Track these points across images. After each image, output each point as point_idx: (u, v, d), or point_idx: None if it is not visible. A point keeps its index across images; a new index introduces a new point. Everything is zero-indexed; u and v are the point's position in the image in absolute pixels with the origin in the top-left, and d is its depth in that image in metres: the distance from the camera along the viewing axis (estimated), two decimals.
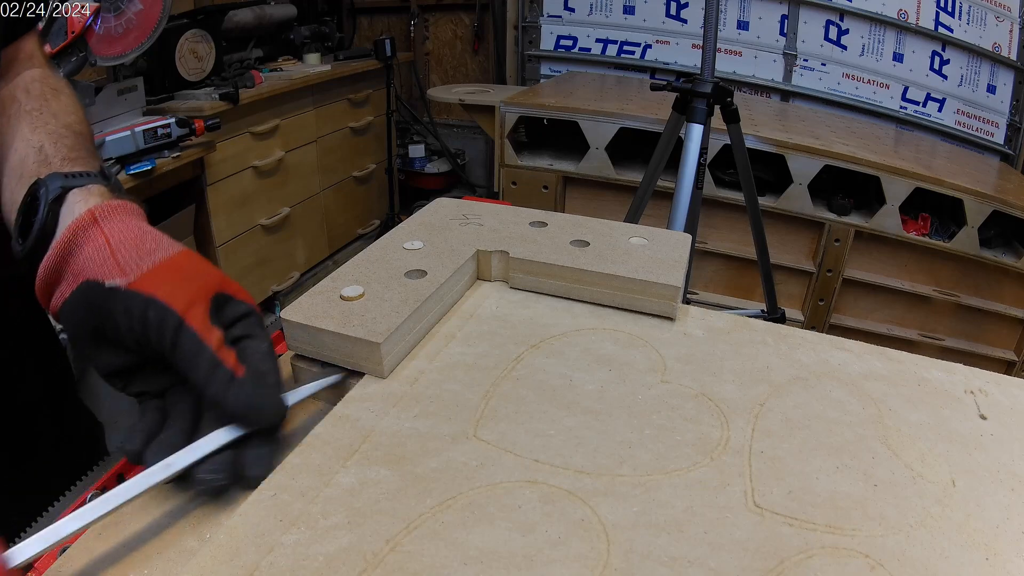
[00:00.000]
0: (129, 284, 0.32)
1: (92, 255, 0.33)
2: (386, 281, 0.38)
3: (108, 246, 0.33)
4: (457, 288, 0.40)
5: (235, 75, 1.90)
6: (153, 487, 0.27)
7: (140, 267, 0.32)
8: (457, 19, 2.78)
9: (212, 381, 0.30)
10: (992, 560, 0.25)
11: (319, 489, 0.26)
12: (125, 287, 0.32)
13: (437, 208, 0.48)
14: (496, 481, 0.27)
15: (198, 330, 0.31)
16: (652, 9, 2.35)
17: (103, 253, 0.33)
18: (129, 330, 0.31)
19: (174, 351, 0.31)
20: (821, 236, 1.74)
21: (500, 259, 0.42)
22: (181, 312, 0.31)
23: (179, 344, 0.31)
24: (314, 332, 0.34)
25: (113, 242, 0.33)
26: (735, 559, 0.24)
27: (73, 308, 0.33)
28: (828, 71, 2.22)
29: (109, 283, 0.32)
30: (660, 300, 0.39)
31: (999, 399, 0.35)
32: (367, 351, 0.33)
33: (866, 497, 0.28)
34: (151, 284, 0.32)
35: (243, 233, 2.00)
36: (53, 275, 0.34)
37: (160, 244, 0.34)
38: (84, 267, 0.33)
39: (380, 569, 0.23)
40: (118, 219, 0.35)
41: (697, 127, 1.19)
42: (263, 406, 0.30)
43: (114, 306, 0.31)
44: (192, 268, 0.34)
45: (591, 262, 0.40)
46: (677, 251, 0.42)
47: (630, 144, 1.75)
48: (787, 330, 0.40)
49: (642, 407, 0.32)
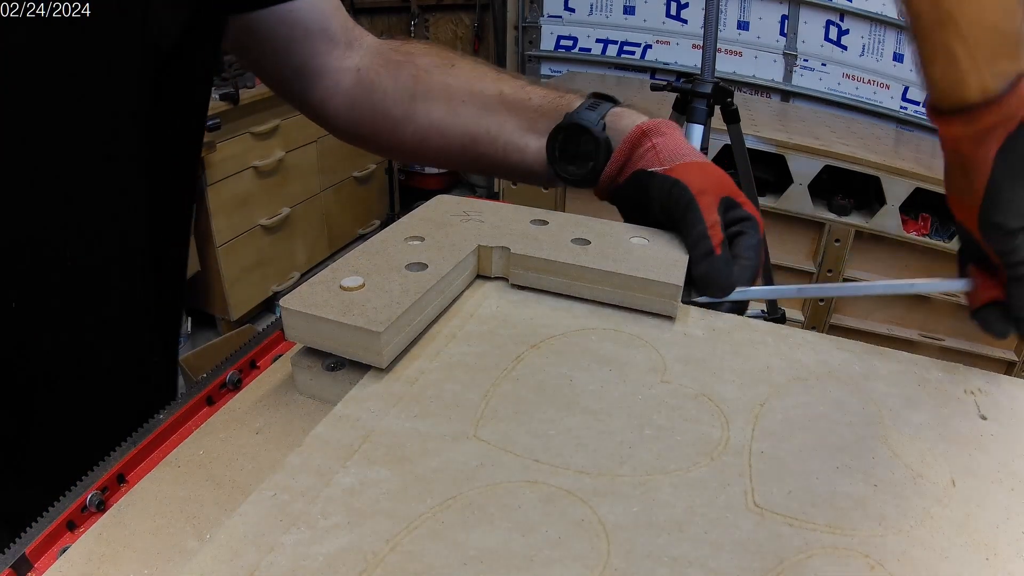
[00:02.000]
0: (664, 171, 0.43)
1: (643, 154, 0.46)
2: (386, 272, 0.37)
3: (654, 148, 0.45)
4: (458, 282, 0.40)
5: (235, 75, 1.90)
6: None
7: (674, 161, 0.44)
8: (457, 19, 2.78)
9: (697, 247, 0.41)
10: (992, 560, 0.25)
11: (319, 489, 0.26)
12: (662, 172, 0.44)
13: (438, 204, 0.48)
14: (496, 481, 0.27)
15: (702, 209, 0.41)
16: (652, 9, 2.35)
17: (651, 153, 0.45)
18: (658, 200, 0.43)
19: (682, 217, 0.42)
20: (821, 236, 1.74)
21: (501, 255, 0.42)
22: (695, 193, 0.41)
23: (686, 215, 0.41)
24: (313, 321, 0.33)
25: (658, 146, 0.45)
26: (735, 559, 0.24)
27: (626, 188, 0.46)
28: (828, 71, 2.22)
29: (651, 169, 0.44)
30: (660, 299, 0.39)
31: (999, 399, 0.35)
32: (366, 340, 0.32)
33: (866, 497, 0.28)
34: (682, 171, 0.43)
35: (243, 233, 2.00)
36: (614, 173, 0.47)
37: (691, 151, 0.45)
38: (637, 162, 0.46)
39: (380, 569, 0.23)
40: (661, 130, 0.46)
41: (697, 127, 1.19)
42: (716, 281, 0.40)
43: (651, 183, 0.44)
44: (712, 171, 0.44)
45: (592, 259, 0.40)
46: (678, 250, 0.42)
47: None
48: (787, 330, 0.40)
49: (642, 407, 0.32)
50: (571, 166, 0.48)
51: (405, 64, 0.52)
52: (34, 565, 0.26)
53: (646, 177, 0.44)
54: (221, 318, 2.06)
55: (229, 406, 0.35)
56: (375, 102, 0.52)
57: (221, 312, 2.04)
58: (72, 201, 0.37)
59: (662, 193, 0.43)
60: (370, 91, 0.52)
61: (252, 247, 2.05)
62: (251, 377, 0.37)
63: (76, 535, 0.27)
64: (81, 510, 0.28)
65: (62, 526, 0.27)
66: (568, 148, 0.48)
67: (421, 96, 0.51)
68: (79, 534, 0.27)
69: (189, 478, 0.30)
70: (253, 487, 0.27)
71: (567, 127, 0.47)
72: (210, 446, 0.32)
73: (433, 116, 0.51)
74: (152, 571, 0.25)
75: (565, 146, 0.48)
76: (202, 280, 1.97)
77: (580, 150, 0.47)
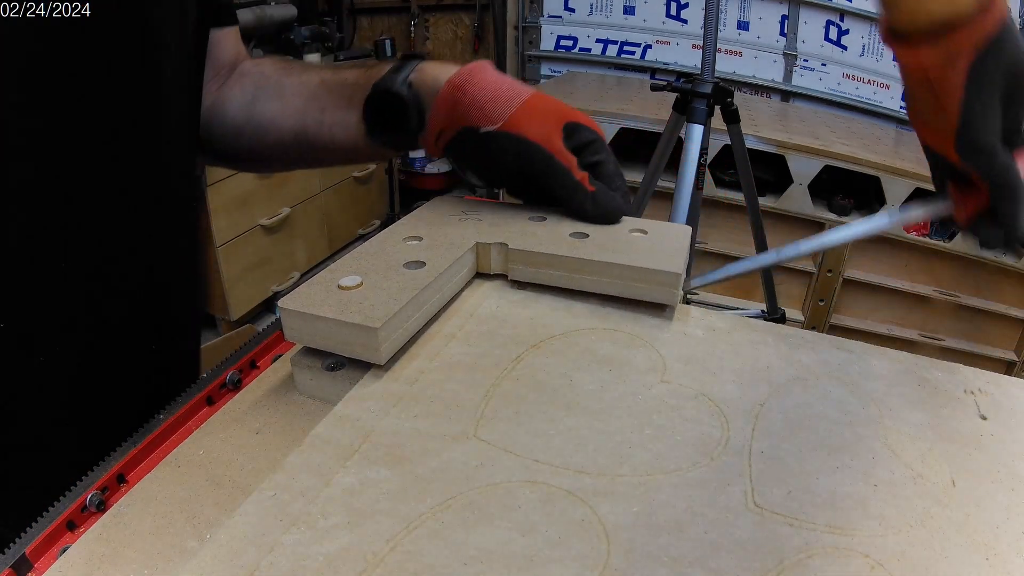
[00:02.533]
0: (498, 128, 0.42)
1: (465, 111, 0.43)
2: (384, 271, 0.37)
3: (475, 103, 0.43)
4: (456, 279, 0.40)
5: None
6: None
7: (504, 113, 0.42)
8: (457, 19, 2.78)
9: (574, 198, 0.43)
10: (992, 560, 0.25)
11: (319, 489, 0.26)
12: (496, 130, 0.42)
13: (436, 205, 0.48)
14: (496, 481, 0.27)
15: (560, 159, 0.42)
16: (652, 9, 2.35)
17: (473, 109, 0.43)
18: (504, 163, 0.43)
19: (544, 176, 0.42)
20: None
21: (499, 251, 0.42)
22: (544, 145, 0.42)
23: (548, 171, 0.42)
24: (311, 320, 0.33)
25: (478, 98, 0.43)
26: (735, 559, 0.24)
27: (459, 145, 0.45)
28: (828, 71, 2.22)
29: (483, 129, 0.43)
30: (661, 287, 0.39)
31: (999, 399, 0.35)
32: (364, 337, 0.32)
33: (866, 497, 0.28)
34: (516, 125, 0.42)
35: (243, 233, 2.00)
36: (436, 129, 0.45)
37: (514, 90, 0.43)
38: (461, 119, 0.44)
39: (380, 569, 0.23)
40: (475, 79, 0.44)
41: (697, 127, 1.19)
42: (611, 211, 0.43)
43: (489, 146, 0.43)
44: (544, 106, 0.43)
45: (591, 251, 0.40)
46: (678, 241, 0.42)
47: (630, 144, 1.75)
48: (787, 330, 0.40)
49: (642, 407, 0.32)
50: (389, 133, 0.48)
51: (251, 74, 0.54)
52: (34, 565, 0.26)
53: (480, 138, 0.43)
54: (221, 318, 2.06)
55: (229, 406, 0.35)
56: (223, 113, 0.53)
57: (221, 312, 2.04)
58: (72, 200, 0.37)
59: (506, 155, 0.43)
60: (223, 106, 0.53)
61: (252, 247, 2.05)
62: (251, 377, 0.37)
63: (76, 535, 0.27)
64: (81, 510, 0.28)
65: (62, 526, 0.27)
66: (382, 113, 0.48)
67: (259, 99, 0.53)
68: (79, 534, 0.27)
69: (189, 478, 0.30)
70: (253, 487, 0.27)
71: (374, 95, 0.47)
72: (210, 446, 0.32)
73: (268, 113, 0.52)
74: (152, 571, 0.25)
75: (378, 114, 0.48)
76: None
77: (393, 115, 0.47)
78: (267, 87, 0.53)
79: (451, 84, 0.44)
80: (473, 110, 0.43)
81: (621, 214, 0.44)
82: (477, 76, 0.44)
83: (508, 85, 0.44)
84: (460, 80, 0.44)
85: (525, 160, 0.42)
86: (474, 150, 0.45)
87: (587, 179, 0.43)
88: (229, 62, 0.54)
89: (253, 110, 0.53)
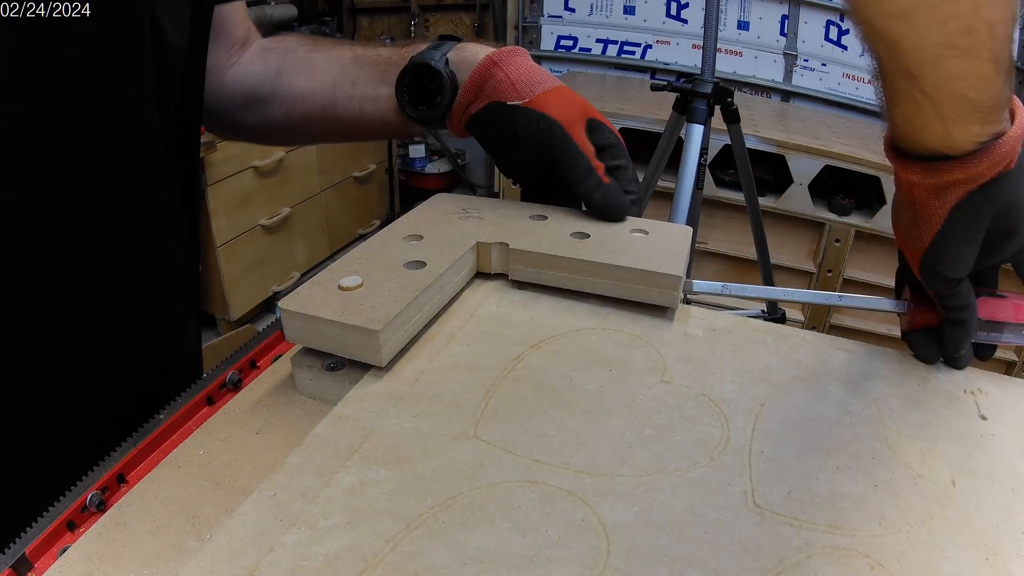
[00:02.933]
0: (525, 103, 0.44)
1: (496, 86, 0.45)
2: (384, 272, 0.37)
3: (508, 80, 0.45)
4: (457, 279, 0.40)
5: None
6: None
7: (533, 92, 0.44)
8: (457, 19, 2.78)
9: (585, 182, 0.42)
10: (992, 560, 0.25)
11: (319, 489, 0.26)
12: (523, 105, 0.44)
13: (436, 203, 0.48)
14: (496, 481, 0.27)
15: (578, 143, 0.42)
16: (652, 9, 2.35)
17: (505, 84, 0.45)
18: (525, 136, 0.44)
19: (560, 155, 0.43)
20: (821, 236, 1.74)
21: (500, 251, 0.42)
22: (565, 125, 0.42)
23: (564, 151, 0.42)
24: (312, 321, 0.33)
25: (512, 77, 0.45)
26: (735, 559, 0.24)
27: (483, 119, 0.46)
28: (828, 71, 2.21)
29: (511, 102, 0.44)
30: (661, 290, 0.39)
31: (999, 399, 0.35)
32: (365, 339, 0.32)
33: (866, 497, 0.28)
34: (543, 103, 0.43)
35: (243, 233, 2.00)
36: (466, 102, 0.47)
37: (546, 77, 0.45)
38: (491, 93, 0.46)
39: (380, 569, 0.23)
40: (512, 59, 0.46)
41: (697, 127, 1.19)
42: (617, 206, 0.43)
43: (513, 119, 0.44)
44: (572, 96, 0.45)
45: (592, 253, 0.40)
46: (678, 242, 0.42)
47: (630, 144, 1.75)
48: (787, 330, 0.40)
49: (642, 407, 0.32)
50: (421, 106, 0.49)
51: (275, 50, 0.54)
52: (34, 565, 0.26)
53: (507, 110, 0.44)
54: (221, 318, 2.06)
55: (229, 406, 0.35)
56: (246, 86, 0.54)
57: (221, 312, 2.04)
58: (72, 199, 0.37)
59: (528, 128, 0.43)
60: (243, 78, 0.54)
61: (252, 247, 2.04)
62: (251, 377, 0.37)
63: (76, 535, 0.27)
64: (81, 510, 0.28)
65: (62, 526, 0.27)
66: (416, 89, 0.48)
67: (286, 72, 0.53)
68: (79, 534, 0.27)
69: (189, 478, 0.30)
70: (253, 487, 0.27)
71: (411, 68, 0.48)
72: (210, 446, 0.32)
73: (296, 86, 0.53)
74: (152, 571, 0.25)
75: (413, 87, 0.49)
76: (202, 280, 1.97)
77: (427, 88, 0.48)
78: (295, 60, 0.53)
79: (490, 59, 0.46)
80: (505, 84, 0.45)
81: (626, 212, 0.44)
82: (515, 56, 0.46)
83: (541, 70, 0.46)
84: (499, 56, 0.46)
85: (545, 136, 0.43)
86: (498, 123, 0.45)
87: (602, 170, 0.43)
88: (241, 36, 0.54)
89: (280, 83, 0.53)
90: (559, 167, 0.44)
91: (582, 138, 0.43)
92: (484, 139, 0.48)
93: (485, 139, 0.48)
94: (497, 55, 0.46)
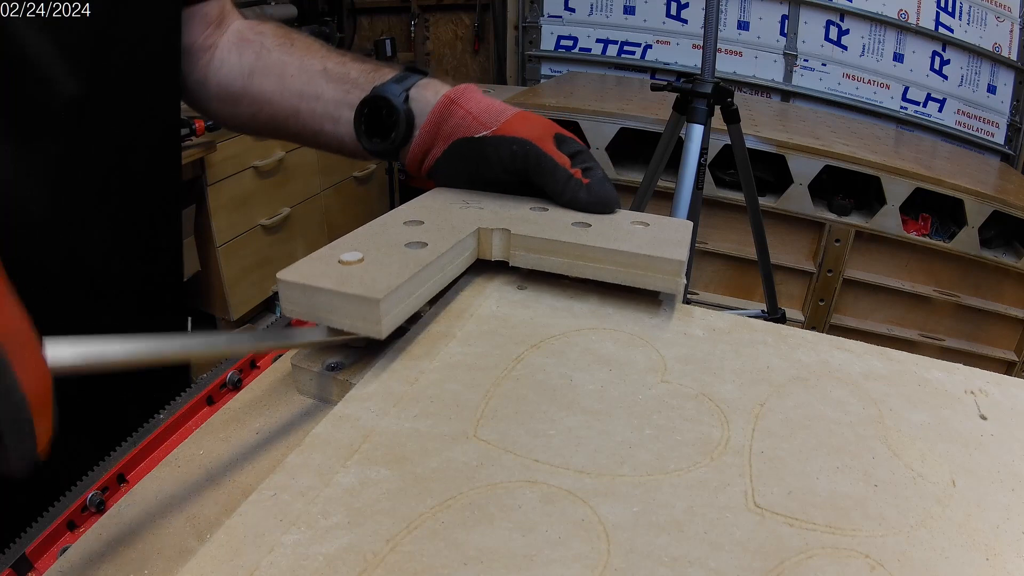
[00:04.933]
0: (492, 132, 0.45)
1: (459, 123, 0.46)
2: (386, 249, 0.37)
3: (470, 114, 0.46)
4: (458, 262, 0.40)
5: None
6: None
7: (498, 120, 0.45)
8: (457, 19, 2.78)
9: (568, 188, 0.43)
10: (992, 560, 0.25)
11: (319, 489, 0.26)
12: (490, 134, 0.45)
13: (437, 194, 0.48)
14: (496, 481, 0.27)
15: (552, 155, 0.43)
16: (652, 9, 2.35)
17: (467, 119, 0.46)
18: (498, 161, 0.44)
19: (537, 170, 0.43)
20: (821, 236, 1.74)
21: (501, 237, 0.42)
22: (537, 142, 0.43)
23: (541, 165, 0.43)
24: (310, 292, 0.33)
25: (473, 112, 0.46)
26: (735, 559, 0.24)
27: (448, 160, 0.47)
28: (828, 71, 2.22)
29: (478, 135, 0.45)
30: (664, 275, 0.39)
31: (999, 399, 0.35)
32: (365, 309, 0.32)
33: (866, 497, 0.28)
34: (510, 128, 0.44)
35: (243, 233, 2.00)
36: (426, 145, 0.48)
37: (506, 107, 0.46)
38: (453, 131, 0.46)
39: (380, 569, 0.23)
40: (469, 95, 0.47)
41: (697, 127, 1.19)
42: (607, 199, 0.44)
43: (484, 149, 0.45)
44: (535, 117, 0.46)
45: (594, 239, 0.40)
46: (679, 233, 0.42)
47: (631, 144, 1.75)
48: (787, 330, 0.40)
49: (642, 407, 0.32)
50: (376, 138, 0.49)
51: (252, 43, 0.54)
52: (34, 565, 0.26)
53: (475, 143, 0.45)
54: (221, 318, 2.06)
55: (229, 406, 0.35)
56: (220, 78, 0.54)
57: (221, 312, 2.04)
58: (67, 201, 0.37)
59: (501, 152, 0.44)
60: (219, 68, 0.54)
61: (252, 247, 2.04)
62: (251, 377, 0.37)
63: (76, 535, 0.27)
64: (81, 510, 0.28)
65: (62, 526, 0.27)
66: (373, 120, 0.49)
67: (258, 72, 0.53)
68: (79, 534, 0.27)
69: (189, 478, 0.30)
70: (253, 487, 0.27)
71: (371, 99, 0.48)
72: (210, 446, 0.32)
73: (265, 89, 0.53)
74: (152, 571, 0.25)
75: (370, 119, 0.49)
76: (202, 280, 1.97)
77: (383, 122, 0.48)
78: (268, 61, 0.54)
79: (447, 96, 0.47)
80: (468, 120, 0.46)
81: (616, 201, 0.45)
82: (471, 93, 0.47)
83: (502, 104, 0.47)
84: (456, 94, 0.47)
85: (520, 157, 0.44)
86: (468, 157, 0.46)
87: (580, 174, 0.44)
88: (215, 14, 0.54)
89: (251, 82, 0.53)
90: (539, 181, 0.44)
91: (554, 151, 0.44)
92: (450, 180, 0.49)
93: (451, 179, 0.48)
94: (454, 93, 0.47)
